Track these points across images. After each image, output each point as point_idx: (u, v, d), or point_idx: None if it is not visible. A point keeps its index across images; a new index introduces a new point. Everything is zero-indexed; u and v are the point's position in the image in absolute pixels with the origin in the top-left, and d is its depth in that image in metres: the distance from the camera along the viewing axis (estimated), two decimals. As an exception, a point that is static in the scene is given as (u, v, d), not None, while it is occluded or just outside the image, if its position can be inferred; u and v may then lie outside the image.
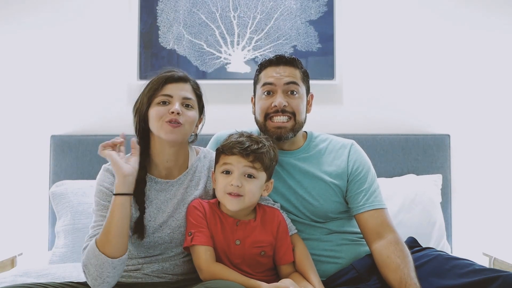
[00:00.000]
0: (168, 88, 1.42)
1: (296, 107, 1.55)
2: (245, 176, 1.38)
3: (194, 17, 2.38)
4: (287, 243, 1.44)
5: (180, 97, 1.42)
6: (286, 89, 1.55)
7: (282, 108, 1.53)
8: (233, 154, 1.38)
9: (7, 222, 2.33)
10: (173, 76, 1.43)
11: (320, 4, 2.39)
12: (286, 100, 1.54)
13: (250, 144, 1.39)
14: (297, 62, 1.59)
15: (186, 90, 1.44)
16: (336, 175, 1.57)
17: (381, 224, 1.49)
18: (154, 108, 1.41)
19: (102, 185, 1.41)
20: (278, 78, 1.55)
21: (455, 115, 2.42)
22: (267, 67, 1.59)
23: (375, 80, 2.42)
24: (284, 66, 1.57)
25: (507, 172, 2.40)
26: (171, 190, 1.45)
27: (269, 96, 1.56)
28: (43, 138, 2.33)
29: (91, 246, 1.29)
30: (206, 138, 1.80)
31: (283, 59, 1.58)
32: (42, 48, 2.39)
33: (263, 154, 1.39)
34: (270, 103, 1.55)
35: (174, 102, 1.41)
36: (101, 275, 1.27)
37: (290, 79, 1.54)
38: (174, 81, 1.43)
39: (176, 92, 1.42)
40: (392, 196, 2.11)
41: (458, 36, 2.42)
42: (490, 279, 1.30)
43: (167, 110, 1.39)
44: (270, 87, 1.56)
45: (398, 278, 1.36)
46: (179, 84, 1.44)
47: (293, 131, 1.55)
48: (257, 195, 1.42)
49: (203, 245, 1.36)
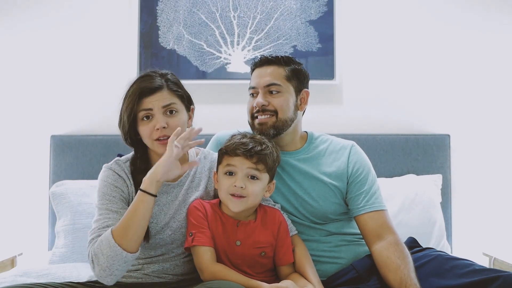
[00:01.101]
0: (146, 102, 1.37)
1: (278, 105, 1.54)
2: (248, 177, 1.38)
3: (194, 17, 2.38)
4: (287, 244, 1.44)
5: (160, 106, 1.38)
6: (266, 90, 1.56)
7: (262, 107, 1.54)
8: (237, 155, 1.38)
9: (7, 222, 2.33)
10: (146, 89, 1.38)
11: (320, 4, 2.39)
12: (267, 99, 1.55)
13: (254, 145, 1.39)
14: (282, 61, 1.58)
15: (164, 98, 1.39)
16: (336, 176, 1.57)
17: (381, 226, 1.49)
18: (141, 127, 1.39)
19: (107, 180, 1.40)
20: (258, 82, 1.57)
21: (455, 115, 2.42)
22: (254, 70, 1.62)
23: (375, 80, 2.42)
24: (267, 66, 1.58)
25: (507, 172, 2.40)
26: (172, 192, 1.45)
27: (253, 98, 1.59)
28: (43, 138, 2.33)
29: (106, 237, 1.26)
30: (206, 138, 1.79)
31: (266, 59, 1.59)
32: (42, 48, 2.39)
33: (267, 156, 1.40)
34: (253, 104, 1.57)
35: (155, 114, 1.38)
36: (111, 267, 1.25)
37: (269, 81, 1.55)
38: (150, 93, 1.38)
39: (155, 104, 1.37)
40: (392, 196, 2.11)
41: (458, 36, 2.42)
42: (490, 279, 1.30)
43: (153, 127, 1.37)
44: (253, 90, 1.59)
45: (398, 279, 1.36)
46: (155, 94, 1.38)
47: (275, 128, 1.54)
48: (260, 197, 1.42)
49: (204, 246, 1.36)
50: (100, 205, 1.37)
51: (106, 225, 1.32)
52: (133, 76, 2.34)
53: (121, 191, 1.39)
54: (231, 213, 1.41)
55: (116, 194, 1.38)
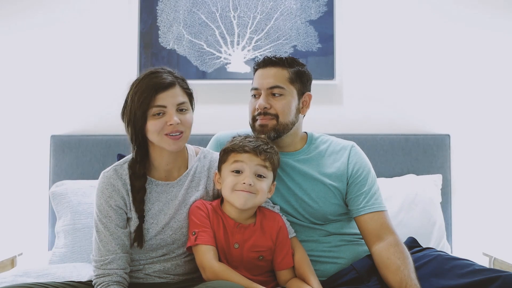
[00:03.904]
0: (160, 98, 1.35)
1: (280, 109, 1.53)
2: (255, 175, 1.38)
3: (194, 17, 2.38)
4: (287, 248, 1.43)
5: (174, 104, 1.37)
6: (269, 92, 1.54)
7: (263, 110, 1.53)
8: (246, 152, 1.37)
9: (7, 222, 2.33)
10: (162, 84, 1.36)
11: (320, 4, 2.39)
12: (270, 102, 1.53)
13: (260, 143, 1.40)
14: (285, 62, 1.56)
15: (178, 95, 1.38)
16: (336, 177, 1.57)
17: (381, 227, 1.49)
18: (150, 122, 1.36)
19: (102, 196, 1.39)
20: (261, 83, 1.55)
21: (455, 115, 2.42)
22: (257, 70, 1.60)
23: (375, 80, 2.42)
24: (271, 67, 1.56)
25: (507, 172, 2.40)
26: (172, 192, 1.45)
27: (255, 99, 1.57)
28: (43, 138, 2.33)
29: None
30: (206, 138, 1.80)
31: (270, 60, 1.57)
32: (42, 48, 2.39)
33: (273, 154, 1.41)
34: (254, 106, 1.56)
35: (169, 112, 1.36)
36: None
37: (272, 84, 1.53)
38: (165, 89, 1.36)
39: (169, 100, 1.36)
40: (392, 196, 2.11)
41: (458, 36, 2.42)
42: (490, 279, 1.30)
43: (165, 123, 1.35)
44: (255, 91, 1.57)
45: (398, 279, 1.36)
46: (170, 90, 1.36)
47: (275, 131, 1.53)
48: (265, 196, 1.41)
49: (207, 245, 1.35)
50: (98, 220, 1.39)
51: (109, 261, 1.35)
52: (133, 76, 2.36)
53: (117, 207, 1.39)
54: (232, 214, 1.41)
55: (111, 214, 1.38)
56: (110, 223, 1.37)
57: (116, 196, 1.39)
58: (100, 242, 1.37)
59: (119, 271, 1.36)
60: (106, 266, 1.35)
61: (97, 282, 1.35)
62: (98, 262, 1.37)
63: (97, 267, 1.37)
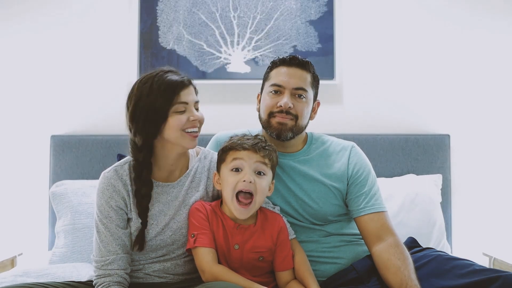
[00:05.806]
0: (184, 95, 1.37)
1: (300, 111, 1.54)
2: (255, 173, 1.38)
3: (194, 17, 2.38)
4: (287, 249, 1.43)
5: (193, 102, 1.41)
6: (294, 92, 1.54)
7: (287, 109, 1.52)
8: (245, 149, 1.38)
9: (7, 222, 2.33)
10: (184, 82, 1.38)
11: (320, 4, 2.39)
12: (293, 102, 1.53)
13: (258, 141, 1.40)
14: (309, 66, 1.58)
15: (194, 93, 1.43)
16: (336, 178, 1.57)
17: (381, 227, 1.49)
18: (173, 118, 1.35)
19: (103, 196, 1.39)
20: (287, 81, 1.54)
21: (455, 115, 2.42)
22: (279, 66, 1.58)
23: (375, 80, 2.42)
24: (296, 68, 1.55)
25: (507, 172, 2.40)
26: (172, 192, 1.45)
27: (276, 95, 1.55)
28: (43, 138, 2.33)
29: None
30: (206, 138, 1.80)
31: (296, 60, 1.56)
32: (42, 48, 2.38)
33: (272, 152, 1.41)
34: (276, 102, 1.54)
35: (190, 108, 1.39)
36: None
37: (299, 85, 1.54)
38: (186, 87, 1.39)
39: (190, 98, 1.39)
40: (392, 196, 2.11)
41: (458, 36, 2.41)
42: (490, 279, 1.30)
43: (187, 119, 1.37)
44: (277, 87, 1.55)
45: (398, 280, 1.36)
46: (190, 88, 1.40)
47: (293, 131, 1.55)
48: (265, 194, 1.41)
49: (206, 247, 1.35)
50: (99, 221, 1.39)
51: (110, 261, 1.35)
52: (133, 76, 2.36)
53: (117, 208, 1.39)
54: (232, 215, 1.41)
55: (112, 215, 1.38)
56: (110, 223, 1.38)
57: (116, 196, 1.39)
58: (101, 243, 1.38)
59: (119, 271, 1.36)
60: (107, 266, 1.36)
61: (98, 283, 1.35)
62: (99, 263, 1.37)
63: (97, 267, 1.37)
